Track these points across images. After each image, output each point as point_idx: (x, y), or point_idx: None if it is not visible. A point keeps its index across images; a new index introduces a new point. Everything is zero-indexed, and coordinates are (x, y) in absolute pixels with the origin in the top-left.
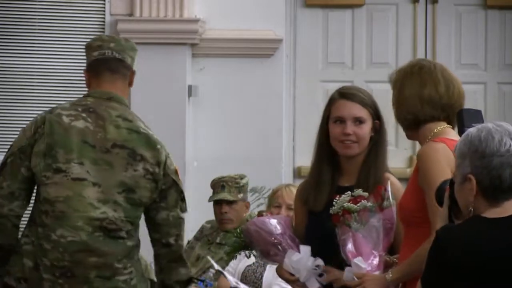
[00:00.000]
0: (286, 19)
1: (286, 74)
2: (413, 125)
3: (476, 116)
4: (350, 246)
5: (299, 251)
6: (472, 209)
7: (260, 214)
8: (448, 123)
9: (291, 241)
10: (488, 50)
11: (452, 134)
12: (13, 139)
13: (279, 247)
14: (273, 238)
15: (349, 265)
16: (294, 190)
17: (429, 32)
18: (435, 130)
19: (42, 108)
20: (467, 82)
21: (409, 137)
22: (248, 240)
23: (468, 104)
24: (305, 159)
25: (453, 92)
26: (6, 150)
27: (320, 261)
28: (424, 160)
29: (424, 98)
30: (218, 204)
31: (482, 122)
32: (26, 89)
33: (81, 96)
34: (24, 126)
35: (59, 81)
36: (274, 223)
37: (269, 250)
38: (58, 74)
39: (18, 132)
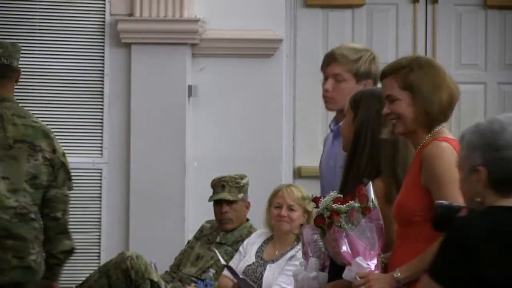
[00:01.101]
0: (286, 19)
1: (286, 74)
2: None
3: None
4: (345, 247)
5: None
6: (480, 200)
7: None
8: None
9: (317, 255)
10: (488, 50)
11: (449, 133)
12: None
13: (306, 255)
14: (304, 246)
15: (342, 267)
16: (295, 190)
17: (429, 32)
18: (435, 130)
19: (42, 108)
20: (467, 82)
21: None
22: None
23: (468, 104)
24: (305, 159)
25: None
26: None
27: (315, 274)
28: (432, 159)
29: (445, 98)
30: (218, 204)
31: None
32: (26, 89)
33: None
34: None
35: (59, 81)
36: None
37: (305, 254)
38: (58, 74)
39: None
